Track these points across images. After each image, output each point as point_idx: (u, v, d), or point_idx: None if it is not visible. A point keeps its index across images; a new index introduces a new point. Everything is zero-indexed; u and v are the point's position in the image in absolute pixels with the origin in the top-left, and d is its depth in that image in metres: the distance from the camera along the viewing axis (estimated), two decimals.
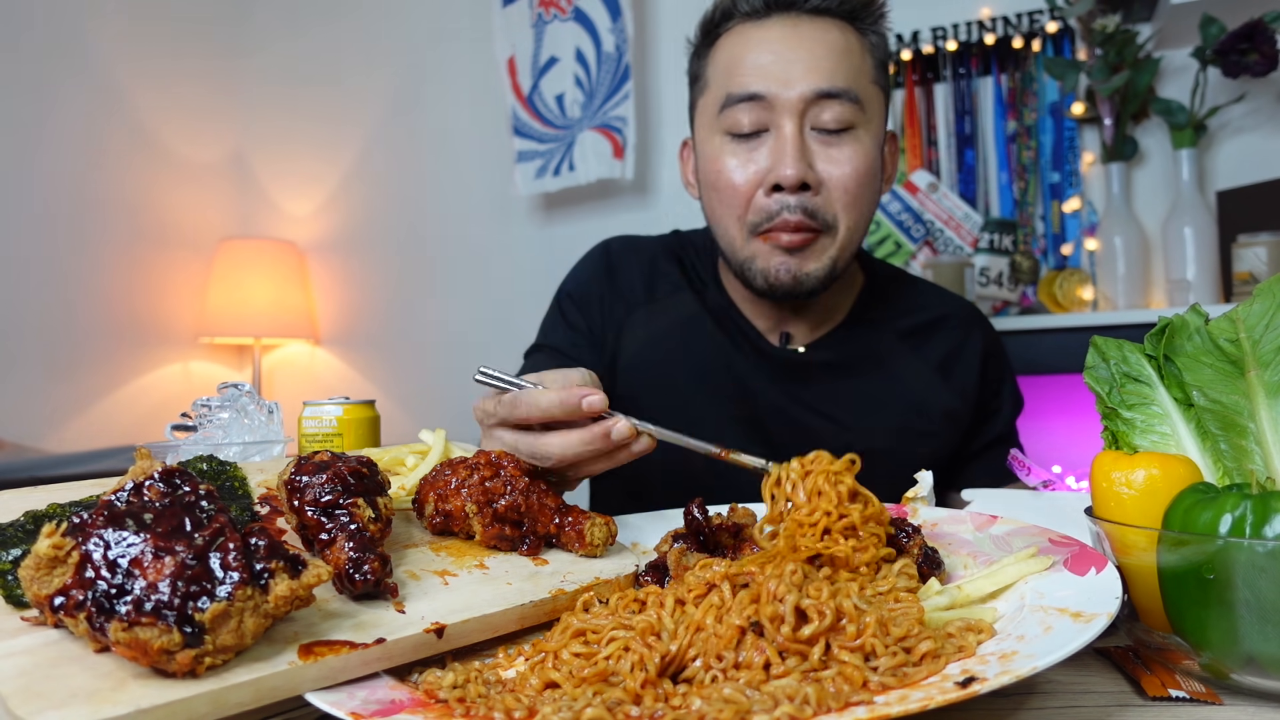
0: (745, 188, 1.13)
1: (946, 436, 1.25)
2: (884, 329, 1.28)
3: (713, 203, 1.18)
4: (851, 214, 1.13)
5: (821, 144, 1.12)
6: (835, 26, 1.14)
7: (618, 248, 1.38)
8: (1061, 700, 0.56)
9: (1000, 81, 2.50)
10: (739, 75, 1.13)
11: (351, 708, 0.51)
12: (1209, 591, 0.54)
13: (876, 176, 1.17)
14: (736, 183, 1.13)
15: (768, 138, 1.12)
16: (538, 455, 0.78)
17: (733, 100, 1.12)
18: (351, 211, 3.47)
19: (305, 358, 3.53)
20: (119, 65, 3.24)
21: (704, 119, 1.19)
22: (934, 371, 1.27)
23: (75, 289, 3.09)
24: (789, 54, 1.11)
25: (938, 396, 1.26)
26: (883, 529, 0.67)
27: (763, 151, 1.12)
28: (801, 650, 0.52)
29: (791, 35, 1.12)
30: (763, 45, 1.13)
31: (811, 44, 1.11)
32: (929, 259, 2.39)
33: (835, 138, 1.11)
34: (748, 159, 1.13)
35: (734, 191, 1.14)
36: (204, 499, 0.54)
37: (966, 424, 1.27)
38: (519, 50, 3.01)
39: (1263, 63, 2.05)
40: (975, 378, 1.28)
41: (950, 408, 1.26)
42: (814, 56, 1.11)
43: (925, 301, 1.33)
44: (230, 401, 0.95)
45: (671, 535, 0.75)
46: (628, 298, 1.31)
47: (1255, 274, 2.01)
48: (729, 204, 1.15)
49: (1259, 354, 0.66)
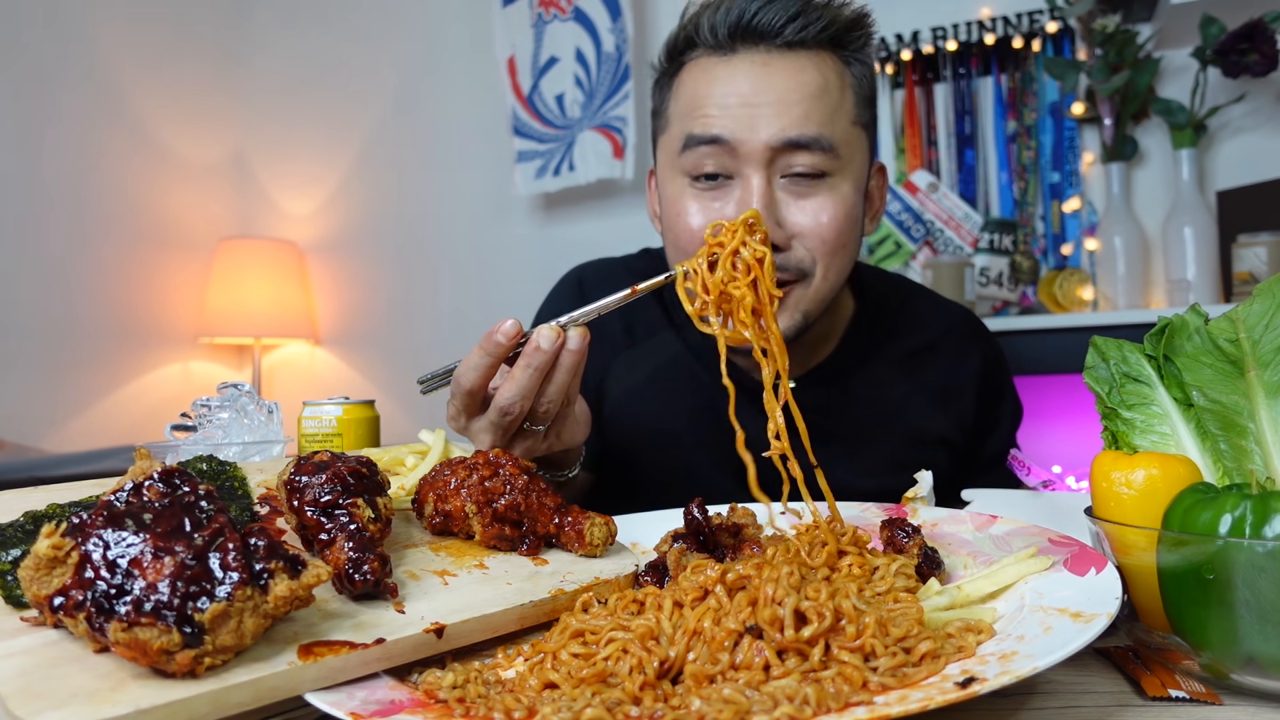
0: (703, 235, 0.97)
1: (944, 464, 1.18)
2: (877, 359, 1.20)
3: (673, 248, 1.10)
4: (831, 264, 1.05)
5: (792, 194, 1.02)
6: (812, 62, 1.03)
7: (591, 279, 1.29)
8: (1061, 700, 0.56)
9: (1000, 81, 2.50)
10: (701, 115, 1.03)
11: (351, 708, 0.51)
12: (1209, 591, 0.54)
13: (857, 223, 1.07)
14: (694, 230, 1.04)
15: (732, 186, 1.03)
16: (503, 410, 0.83)
17: (694, 142, 1.03)
18: (351, 211, 3.47)
19: (305, 358, 3.53)
20: (119, 65, 3.24)
21: (665, 156, 1.11)
22: (931, 400, 1.20)
23: (75, 289, 3.09)
24: (755, 97, 1.01)
25: (935, 425, 1.19)
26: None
27: (727, 200, 1.03)
28: (801, 651, 0.52)
29: (759, 75, 1.02)
30: (727, 84, 1.02)
31: (782, 86, 1.01)
32: (929, 259, 2.39)
33: (808, 187, 1.02)
34: (709, 206, 1.04)
35: (691, 238, 1.05)
36: (204, 499, 0.54)
37: (961, 450, 1.21)
38: (519, 50, 3.01)
39: (1263, 63, 2.05)
40: (974, 403, 1.22)
41: (947, 436, 1.20)
42: (784, 101, 1.00)
43: (921, 321, 1.25)
44: (230, 401, 0.95)
45: (671, 535, 0.75)
46: (608, 338, 1.22)
47: (1255, 274, 2.01)
48: (686, 248, 1.06)
49: (1259, 354, 0.66)
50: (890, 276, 1.32)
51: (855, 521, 0.82)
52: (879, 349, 1.20)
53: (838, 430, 1.15)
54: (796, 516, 0.82)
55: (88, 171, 3.14)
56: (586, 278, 1.30)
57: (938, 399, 1.19)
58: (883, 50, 2.61)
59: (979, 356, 1.24)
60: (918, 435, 1.18)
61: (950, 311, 1.29)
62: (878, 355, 1.20)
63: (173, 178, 3.41)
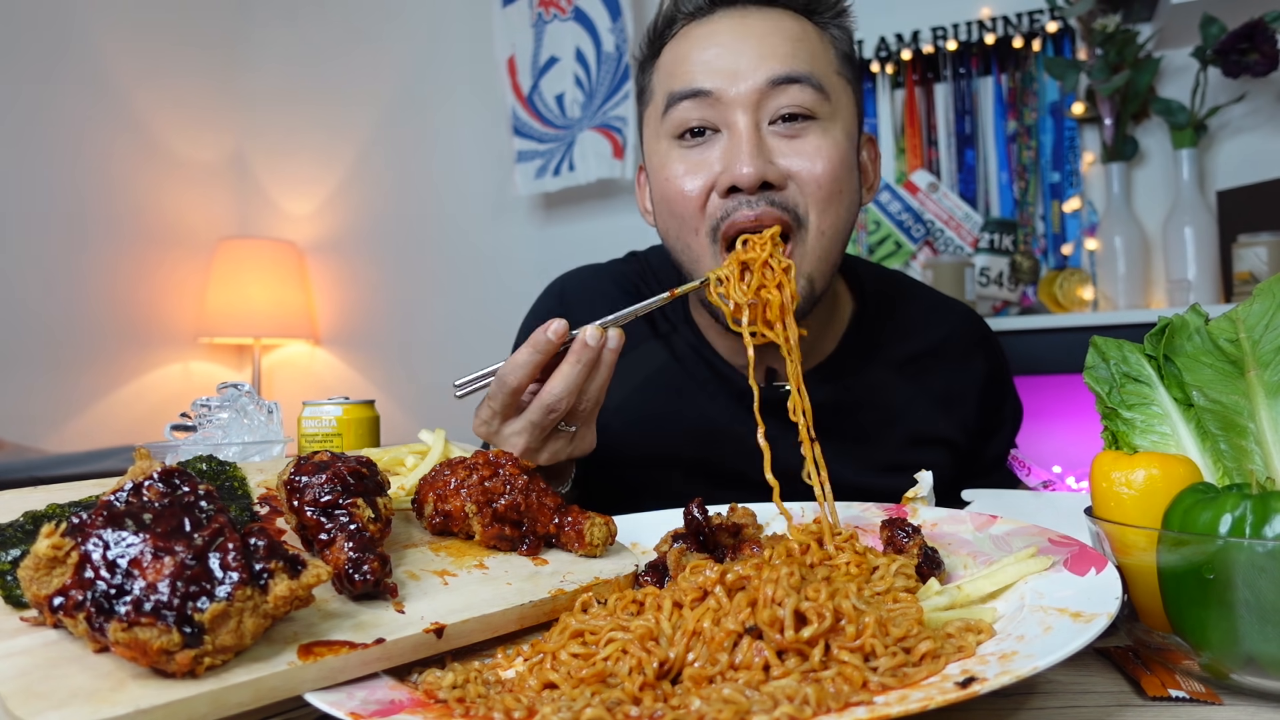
0: (697, 194, 0.99)
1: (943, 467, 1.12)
2: (878, 361, 1.16)
3: (666, 219, 1.05)
4: (826, 213, 0.99)
5: (783, 137, 0.98)
6: (789, 16, 1.02)
7: (574, 293, 1.26)
8: (1061, 700, 0.56)
9: (1000, 81, 2.50)
10: (682, 72, 1.01)
11: (351, 708, 0.51)
12: (1209, 591, 0.54)
13: (852, 173, 1.03)
14: (687, 190, 0.99)
15: (719, 139, 0.99)
16: (549, 406, 0.86)
17: (676, 98, 1.00)
18: (351, 211, 3.47)
19: (305, 358, 3.53)
20: (120, 66, 3.24)
21: (651, 129, 1.08)
22: (933, 404, 1.16)
23: (75, 289, 3.09)
24: (737, 44, 0.99)
25: (937, 428, 1.16)
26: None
27: (716, 151, 0.99)
28: (801, 651, 0.52)
29: (739, 26, 1.00)
30: (708, 40, 1.01)
31: (762, 33, 0.99)
32: (929, 259, 2.39)
33: (798, 128, 0.98)
34: (699, 162, 1.00)
35: (684, 200, 1.00)
36: (203, 499, 0.54)
37: (963, 452, 1.18)
38: (519, 50, 3.01)
39: (1263, 63, 2.05)
40: (976, 406, 1.19)
41: (950, 438, 1.17)
42: (765, 44, 0.99)
43: (923, 324, 1.21)
44: (230, 401, 0.95)
45: (671, 535, 0.75)
46: None
47: (1255, 274, 2.01)
48: (680, 213, 1.01)
49: (1259, 354, 0.66)
50: (888, 274, 1.29)
51: (855, 521, 0.82)
52: (879, 350, 1.17)
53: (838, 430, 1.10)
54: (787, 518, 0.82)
55: (88, 171, 3.15)
56: (568, 290, 1.27)
57: (940, 403, 1.17)
58: (882, 50, 2.61)
59: (982, 360, 1.22)
60: (919, 437, 1.15)
61: (952, 312, 1.26)
62: (878, 357, 1.16)
63: (173, 178, 3.41)
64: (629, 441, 1.15)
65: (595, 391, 0.89)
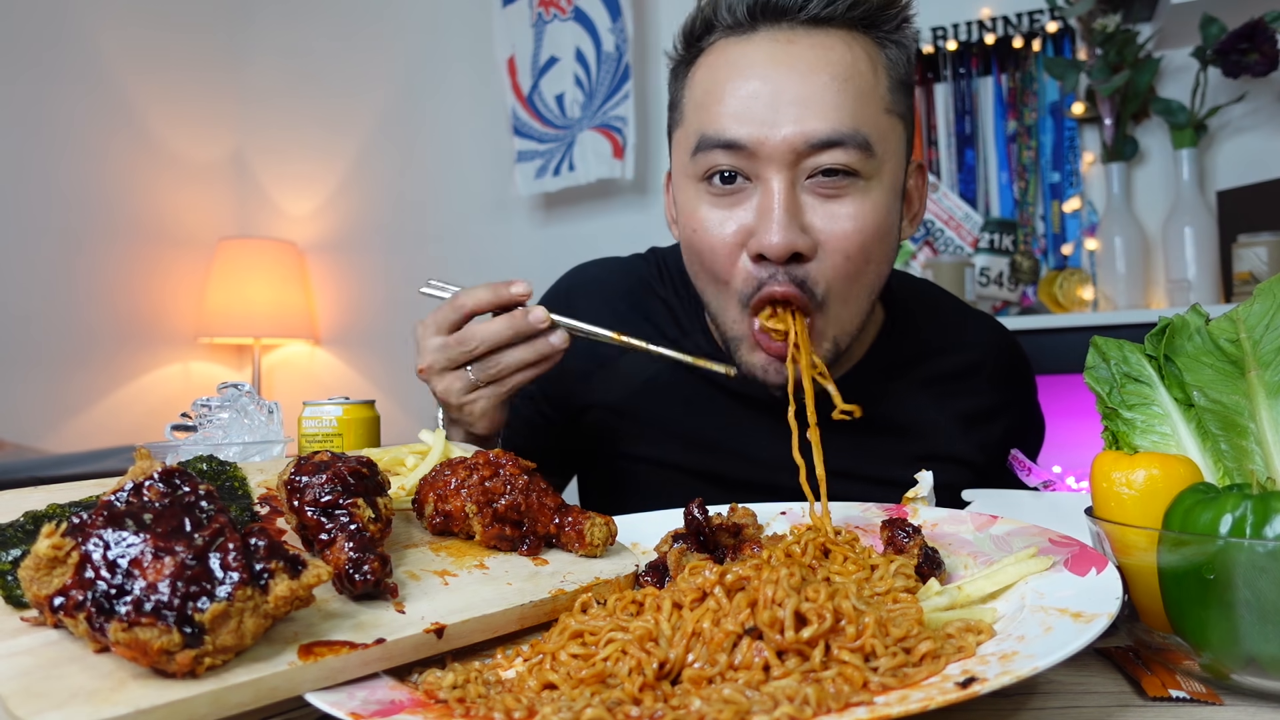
0: (726, 251, 0.94)
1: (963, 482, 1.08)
2: (904, 377, 1.12)
3: (694, 264, 1.01)
4: (853, 285, 0.94)
5: (819, 196, 0.91)
6: (841, 40, 0.92)
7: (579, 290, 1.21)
8: (1062, 700, 0.56)
9: (1000, 81, 2.50)
10: (715, 113, 0.93)
11: (351, 708, 0.51)
12: (1209, 592, 0.54)
13: (888, 234, 0.96)
14: (715, 245, 0.95)
15: (752, 190, 0.93)
16: (463, 339, 0.92)
17: (707, 145, 0.93)
18: (351, 211, 3.47)
19: (305, 358, 3.53)
20: (119, 65, 3.24)
21: (679, 157, 1.01)
22: (955, 423, 1.12)
23: (75, 289, 3.09)
24: (778, 82, 0.90)
25: (955, 449, 1.12)
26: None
27: (747, 207, 0.93)
28: (801, 651, 0.52)
29: (782, 56, 0.91)
30: (746, 71, 0.92)
31: (807, 69, 0.90)
32: (929, 259, 2.39)
33: (837, 187, 0.91)
34: (728, 214, 0.94)
35: (713, 255, 0.95)
36: (204, 499, 0.54)
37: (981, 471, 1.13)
38: (519, 50, 3.01)
39: (1263, 63, 2.05)
40: (1000, 431, 1.14)
41: (968, 459, 1.12)
42: (809, 87, 0.89)
43: (956, 342, 1.16)
44: (230, 401, 0.95)
45: (671, 535, 0.75)
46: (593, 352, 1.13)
47: (1255, 274, 2.01)
48: (710, 268, 0.97)
49: (1259, 354, 0.66)
50: (918, 284, 1.24)
51: (855, 521, 0.82)
52: (907, 367, 1.12)
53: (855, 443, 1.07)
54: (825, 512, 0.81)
55: (87, 171, 3.15)
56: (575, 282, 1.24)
57: (962, 423, 1.13)
58: None
59: (1011, 386, 1.18)
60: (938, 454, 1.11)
61: (984, 330, 1.20)
62: (905, 374, 1.12)
63: (172, 177, 3.41)
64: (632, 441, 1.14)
65: (511, 363, 0.93)
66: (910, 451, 1.10)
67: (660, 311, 1.16)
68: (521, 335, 0.92)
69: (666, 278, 1.19)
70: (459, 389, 0.95)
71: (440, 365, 0.95)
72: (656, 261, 1.23)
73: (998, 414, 1.15)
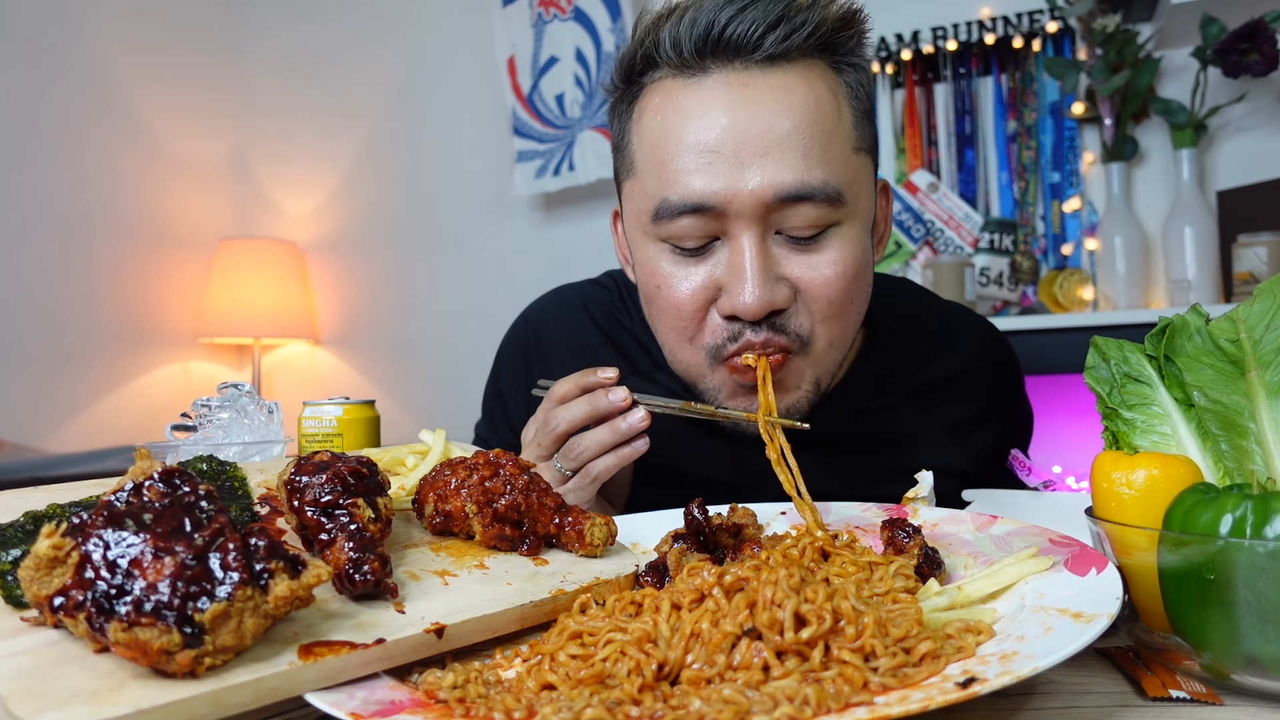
0: (694, 308, 0.89)
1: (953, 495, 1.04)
2: (889, 390, 1.08)
3: (654, 318, 0.95)
4: (835, 325, 0.90)
5: (793, 250, 0.88)
6: (800, 78, 0.86)
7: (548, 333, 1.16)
8: (1062, 700, 0.56)
9: (1000, 81, 2.50)
10: (672, 171, 0.86)
11: (351, 708, 0.51)
12: (1209, 592, 0.54)
13: (868, 266, 0.93)
14: (681, 303, 0.89)
15: (719, 247, 0.88)
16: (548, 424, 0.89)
17: (670, 211, 0.86)
18: (351, 211, 3.47)
19: (305, 358, 3.53)
20: (118, 65, 3.24)
21: (633, 210, 0.93)
22: (945, 434, 1.09)
23: (75, 289, 3.09)
24: (738, 132, 0.84)
25: (946, 460, 1.06)
26: None
27: (714, 262, 0.88)
28: (801, 652, 0.52)
29: (739, 103, 0.84)
30: (701, 121, 0.85)
31: (770, 116, 0.84)
32: (929, 259, 2.39)
33: (810, 238, 0.87)
34: (693, 270, 0.88)
35: (678, 312, 0.90)
36: (204, 499, 0.54)
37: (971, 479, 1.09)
38: (519, 50, 3.01)
39: (1263, 63, 2.05)
40: (990, 437, 1.11)
41: (959, 469, 1.08)
42: (773, 136, 0.83)
43: (939, 348, 1.12)
44: (230, 402, 0.95)
45: (671, 535, 0.75)
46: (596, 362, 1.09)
47: (1255, 274, 2.01)
48: (673, 325, 0.91)
49: (1259, 354, 0.66)
50: (898, 291, 1.19)
51: (855, 522, 0.82)
52: (891, 379, 1.08)
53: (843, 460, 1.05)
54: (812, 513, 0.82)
55: (88, 171, 3.15)
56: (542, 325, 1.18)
57: (952, 433, 1.10)
58: (882, 50, 2.61)
59: (999, 390, 1.15)
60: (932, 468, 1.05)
61: (969, 334, 1.16)
62: (890, 387, 1.08)
63: (172, 177, 3.41)
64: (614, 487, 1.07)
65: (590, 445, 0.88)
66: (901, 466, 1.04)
67: (630, 344, 1.12)
68: (600, 414, 0.87)
69: (631, 308, 1.13)
70: (553, 481, 0.90)
71: (534, 455, 0.91)
72: (618, 290, 1.17)
73: (987, 419, 1.12)
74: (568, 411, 0.88)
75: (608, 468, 0.88)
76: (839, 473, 1.05)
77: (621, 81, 0.94)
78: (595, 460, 0.88)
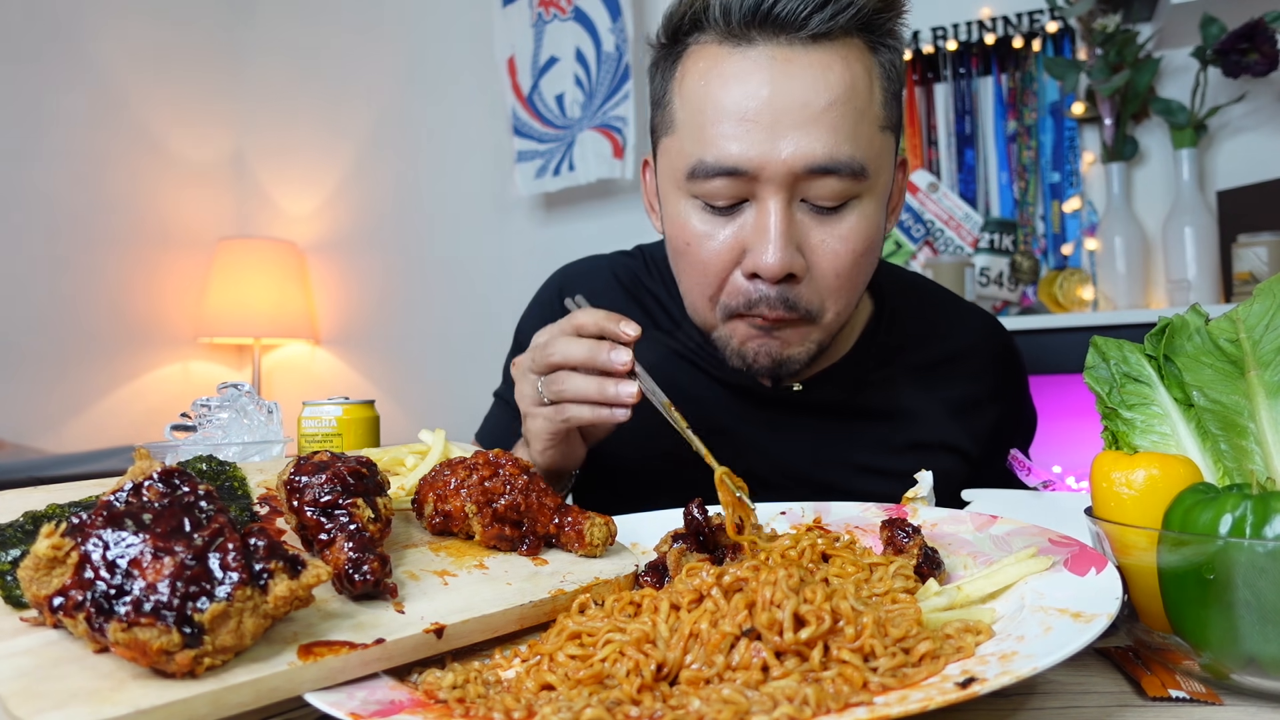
0: (718, 265, 0.95)
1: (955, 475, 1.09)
2: (893, 365, 1.12)
3: (679, 270, 1.02)
4: (840, 299, 0.97)
5: (815, 218, 0.93)
6: (839, 57, 0.90)
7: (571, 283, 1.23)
8: (1061, 700, 0.56)
9: (1000, 81, 2.50)
10: (714, 135, 0.91)
11: (351, 708, 0.51)
12: (1209, 592, 0.54)
13: (878, 240, 0.99)
14: (707, 259, 0.95)
15: (747, 208, 0.94)
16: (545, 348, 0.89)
17: (706, 172, 0.92)
18: (351, 211, 3.47)
19: (305, 358, 3.53)
20: (119, 65, 3.24)
21: (668, 166, 1.00)
22: (946, 411, 1.12)
23: (75, 289, 3.09)
24: (777, 104, 0.89)
25: (947, 436, 1.12)
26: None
27: (741, 222, 0.94)
28: (800, 652, 0.52)
29: (782, 78, 0.89)
30: (743, 88, 0.90)
31: (807, 90, 0.89)
32: (929, 259, 2.39)
33: (832, 210, 0.93)
34: (722, 229, 0.94)
35: (704, 269, 0.96)
36: (203, 499, 0.54)
37: (975, 461, 1.14)
38: (519, 50, 3.01)
39: (1263, 63, 2.05)
40: (992, 418, 1.15)
41: (960, 447, 1.12)
42: (809, 111, 0.89)
43: (944, 329, 1.17)
44: (230, 401, 0.95)
45: (671, 535, 0.75)
46: None
47: (1255, 274, 2.01)
48: (698, 280, 0.98)
49: (1259, 354, 0.66)
50: (907, 276, 1.25)
51: (855, 522, 0.82)
52: (895, 355, 1.13)
53: (846, 433, 1.10)
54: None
55: (87, 171, 3.15)
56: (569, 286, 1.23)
57: (954, 410, 1.13)
58: None
59: (1002, 372, 1.18)
60: (929, 443, 1.12)
61: (975, 319, 1.21)
62: (894, 361, 1.13)
63: (172, 177, 3.41)
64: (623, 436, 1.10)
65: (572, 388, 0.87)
66: (900, 438, 1.11)
67: (652, 304, 1.18)
68: (595, 365, 0.86)
69: (655, 273, 1.21)
70: (528, 396, 0.93)
71: (526, 365, 0.93)
72: (643, 257, 1.24)
73: (988, 402, 1.15)
74: (568, 346, 0.87)
75: (581, 417, 0.88)
76: (839, 441, 1.09)
77: (667, 39, 0.99)
78: (572, 406, 0.89)
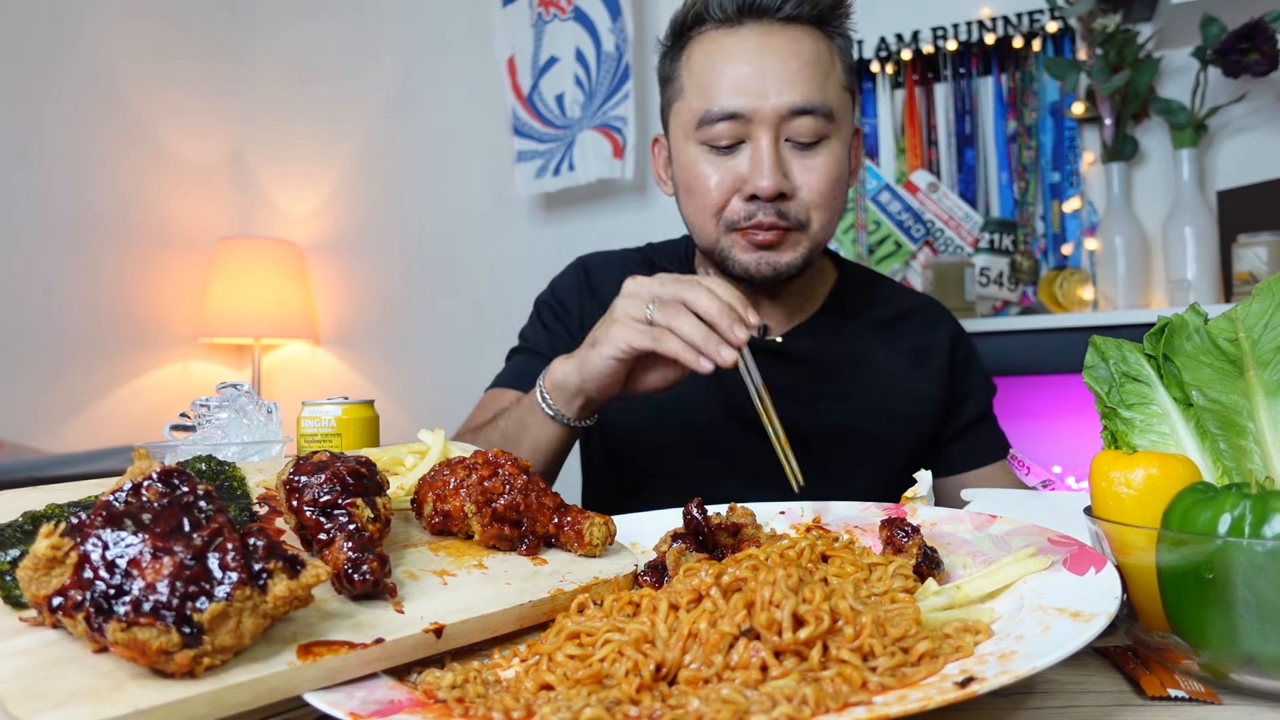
0: (721, 194, 1.19)
1: (921, 418, 1.33)
2: (856, 320, 1.36)
3: (689, 203, 1.25)
4: (823, 213, 1.21)
5: (795, 153, 1.18)
6: (806, 34, 1.18)
7: (595, 264, 1.44)
8: (1061, 700, 0.56)
9: (1000, 81, 2.50)
10: (716, 91, 1.17)
11: (350, 708, 0.51)
12: (1208, 591, 0.54)
13: (844, 178, 1.23)
14: (712, 189, 1.20)
15: (744, 149, 1.18)
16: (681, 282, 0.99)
17: (711, 119, 1.17)
18: (351, 211, 3.47)
19: (305, 358, 3.53)
20: (118, 65, 3.24)
21: (679, 124, 1.24)
22: (905, 359, 1.35)
23: (75, 289, 3.09)
24: (764, 65, 1.16)
25: (910, 380, 1.33)
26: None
27: (739, 160, 1.18)
28: (799, 652, 0.52)
29: (766, 45, 1.17)
30: (738, 56, 1.17)
31: (786, 55, 1.16)
32: (929, 259, 2.39)
33: (809, 148, 1.18)
34: (724, 167, 1.19)
35: (710, 197, 1.20)
36: (202, 499, 0.54)
37: (939, 405, 1.35)
38: (519, 50, 3.01)
39: (1263, 62, 2.05)
40: (945, 363, 1.37)
41: (923, 391, 1.34)
42: (789, 69, 1.16)
43: (894, 296, 1.43)
44: (229, 401, 0.95)
45: (671, 535, 0.75)
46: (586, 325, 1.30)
47: (1255, 274, 2.01)
48: (705, 207, 1.21)
49: (1258, 354, 0.66)
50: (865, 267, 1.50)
51: (855, 521, 0.82)
52: (857, 313, 1.37)
53: (824, 378, 1.31)
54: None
55: (87, 171, 3.14)
56: (590, 267, 1.42)
57: (913, 358, 1.35)
58: (882, 50, 2.61)
59: (946, 329, 1.40)
60: (897, 386, 1.32)
61: (919, 295, 1.48)
62: (857, 318, 1.37)
63: (172, 178, 3.41)
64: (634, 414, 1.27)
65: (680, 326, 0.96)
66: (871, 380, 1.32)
67: None
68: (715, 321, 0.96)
69: (664, 256, 1.42)
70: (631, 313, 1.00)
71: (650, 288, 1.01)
72: (652, 254, 1.44)
73: (939, 348, 1.38)
74: (703, 297, 0.97)
75: (674, 350, 0.97)
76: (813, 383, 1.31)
77: (673, 39, 1.26)
78: (671, 337, 0.97)
